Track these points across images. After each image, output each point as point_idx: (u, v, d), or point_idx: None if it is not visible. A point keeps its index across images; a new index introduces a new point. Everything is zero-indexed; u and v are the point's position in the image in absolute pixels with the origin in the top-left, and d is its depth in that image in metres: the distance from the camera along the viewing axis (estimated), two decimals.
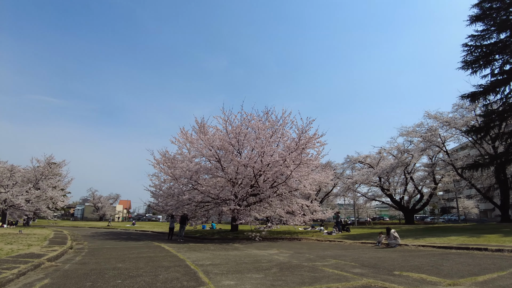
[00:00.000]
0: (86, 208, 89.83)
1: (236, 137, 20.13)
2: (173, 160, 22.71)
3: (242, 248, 14.05)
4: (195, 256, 10.66)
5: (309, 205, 21.47)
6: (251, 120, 20.43)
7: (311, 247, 14.70)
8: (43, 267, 8.14)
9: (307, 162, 19.84)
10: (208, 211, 22.92)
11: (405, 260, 9.83)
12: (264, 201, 21.53)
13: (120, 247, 14.22)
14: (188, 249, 13.44)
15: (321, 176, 23.68)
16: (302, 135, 19.45)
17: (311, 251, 12.95)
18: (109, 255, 11.05)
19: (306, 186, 20.22)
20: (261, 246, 15.40)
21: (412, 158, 35.50)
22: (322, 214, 23.06)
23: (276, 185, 19.98)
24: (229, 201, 19.35)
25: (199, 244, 16.61)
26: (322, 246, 15.27)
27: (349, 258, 10.35)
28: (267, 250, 13.33)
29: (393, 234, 14.15)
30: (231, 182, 20.21)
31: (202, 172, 21.00)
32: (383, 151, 41.30)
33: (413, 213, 41.51)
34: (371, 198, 44.92)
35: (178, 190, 20.97)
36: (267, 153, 19.32)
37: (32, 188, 32.48)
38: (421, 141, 34.82)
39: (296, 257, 10.80)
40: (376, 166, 40.22)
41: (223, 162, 20.60)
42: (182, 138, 24.00)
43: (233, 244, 16.71)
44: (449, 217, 61.29)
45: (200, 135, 21.18)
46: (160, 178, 22.84)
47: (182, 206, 22.04)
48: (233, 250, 13.30)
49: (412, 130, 35.26)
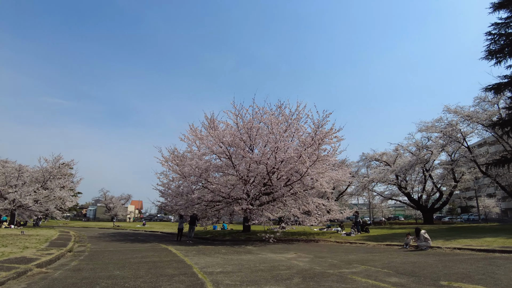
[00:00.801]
0: (98, 209, 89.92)
1: (247, 132, 18.92)
2: (182, 158, 21.62)
3: (256, 251, 12.83)
4: (204, 262, 9.48)
5: (326, 204, 20.12)
6: (264, 114, 19.19)
7: (331, 250, 13.39)
8: (29, 275, 7.06)
9: (324, 158, 18.51)
10: (219, 211, 21.78)
11: (446, 266, 8.47)
12: (277, 201, 20.29)
13: (123, 249, 13.16)
14: (197, 252, 12.28)
15: (338, 173, 22.31)
16: (318, 130, 18.14)
17: (332, 254, 11.66)
18: (109, 259, 9.97)
19: (323, 184, 18.88)
20: (276, 248, 14.16)
21: (431, 154, 33.78)
22: (340, 214, 21.72)
23: (290, 183, 18.71)
24: (241, 200, 18.17)
25: (209, 246, 15.46)
26: (343, 249, 13.94)
27: (379, 264, 9.03)
28: (284, 253, 12.09)
29: (423, 236, 12.74)
30: (243, 180, 19.02)
31: (212, 170, 19.88)
32: (400, 148, 39.54)
33: (432, 212, 39.71)
34: (387, 197, 43.19)
35: (187, 188, 19.89)
36: (281, 149, 18.08)
37: (40, 188, 31.91)
38: (440, 136, 33.11)
39: (317, 262, 9.53)
40: (393, 164, 38.52)
41: (234, 159, 19.43)
42: (191, 135, 22.92)
43: (246, 246, 15.51)
44: (467, 216, 58.84)
45: (210, 131, 20.03)
46: (168, 177, 21.77)
47: (192, 206, 20.95)
48: (246, 253, 12.09)
49: (431, 125, 33.53)
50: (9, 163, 32.83)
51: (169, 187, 21.34)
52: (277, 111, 19.47)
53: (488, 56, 23.73)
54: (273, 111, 19.19)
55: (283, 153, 18.07)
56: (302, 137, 18.46)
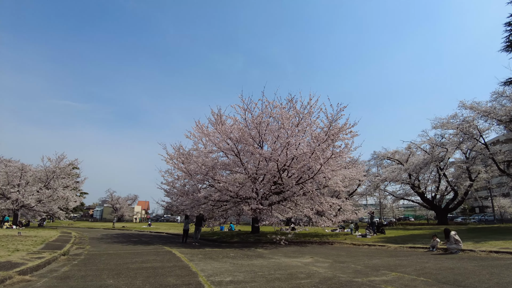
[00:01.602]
0: (104, 209, 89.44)
1: (256, 128, 17.76)
2: (188, 155, 20.53)
3: (268, 255, 11.69)
4: (211, 268, 8.37)
5: (340, 204, 18.88)
6: (274, 108, 17.95)
7: (350, 254, 12.20)
8: (7, 284, 6.03)
9: (338, 155, 17.27)
10: (226, 211, 20.67)
11: (493, 273, 7.27)
12: (288, 200, 19.13)
13: (124, 252, 12.11)
14: (204, 256, 11.18)
15: (352, 171, 21.09)
16: (332, 124, 16.90)
17: (353, 259, 10.48)
18: (105, 264, 8.90)
19: (337, 182, 17.65)
20: (290, 252, 13.01)
21: (446, 152, 32.35)
22: (353, 214, 20.49)
23: (302, 181, 17.51)
24: (250, 200, 17.03)
25: (216, 249, 14.35)
26: (363, 252, 12.73)
27: (411, 270, 7.85)
28: (299, 257, 10.94)
29: (453, 237, 11.49)
30: (252, 178, 17.89)
31: (219, 168, 18.76)
32: (413, 145, 38.05)
33: (446, 212, 38.16)
34: (400, 197, 41.68)
35: (193, 187, 18.84)
36: (292, 145, 16.93)
37: (43, 188, 31.11)
38: (456, 133, 31.66)
39: (339, 268, 8.37)
40: (405, 162, 37.08)
41: (242, 156, 18.32)
42: (197, 132, 21.88)
43: (256, 249, 14.38)
44: (480, 217, 56.84)
45: (216, 126, 18.90)
46: (173, 175, 20.65)
47: (198, 206, 19.89)
48: (258, 257, 10.96)
49: (446, 122, 32.12)
50: (12, 162, 32.05)
51: (174, 186, 20.19)
52: (288, 105, 18.31)
53: (507, 48, 22.38)
54: (283, 105, 17.98)
55: (295, 149, 16.92)
56: (315, 132, 17.26)
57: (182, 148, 20.24)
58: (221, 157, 21.85)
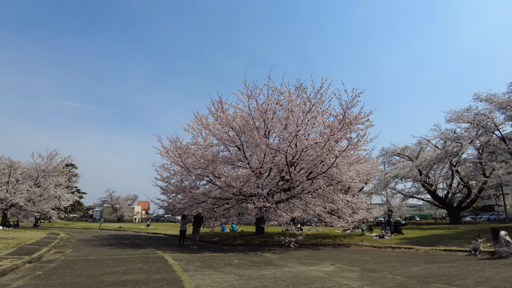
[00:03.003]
0: (104, 210, 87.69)
1: (262, 116, 15.75)
2: (186, 149, 18.49)
3: (279, 262, 9.73)
4: (209, 282, 6.41)
5: (355, 201, 16.90)
6: (281, 94, 15.88)
7: (377, 259, 10.22)
8: None
9: (355, 146, 15.26)
10: (228, 210, 18.73)
11: None
12: (296, 198, 17.16)
13: (107, 259, 10.15)
14: (202, 263, 9.21)
15: (367, 166, 19.17)
16: (347, 112, 14.89)
17: (384, 266, 8.52)
18: (75, 276, 6.96)
19: (353, 177, 15.66)
20: (303, 257, 11.06)
21: (461, 147, 30.36)
22: (367, 213, 18.59)
23: (314, 176, 15.54)
24: (255, 197, 15.06)
25: (217, 253, 12.40)
26: (391, 257, 10.73)
27: (472, 283, 5.89)
28: (317, 265, 8.99)
29: (503, 238, 9.50)
30: (256, 173, 15.93)
31: (220, 162, 16.73)
32: (423, 141, 36.00)
33: (459, 211, 36.19)
34: (409, 195, 39.60)
35: (191, 183, 16.92)
36: (302, 135, 14.99)
37: (33, 186, 29.16)
38: (472, 127, 29.70)
39: (374, 280, 6.42)
40: (416, 158, 35.07)
41: (245, 149, 16.36)
42: (196, 124, 19.94)
43: (263, 253, 12.44)
44: (489, 215, 54.63)
45: (218, 114, 16.88)
46: (169, 170, 18.62)
47: (197, 204, 17.92)
48: (267, 265, 9.00)
49: (460, 115, 30.20)
50: (1, 159, 30.11)
51: (169, 182, 18.11)
52: (297, 92, 16.28)
53: None
54: (292, 91, 15.90)
55: (305, 139, 14.96)
56: (327, 121, 15.30)
57: (179, 140, 18.22)
58: (222, 151, 19.90)
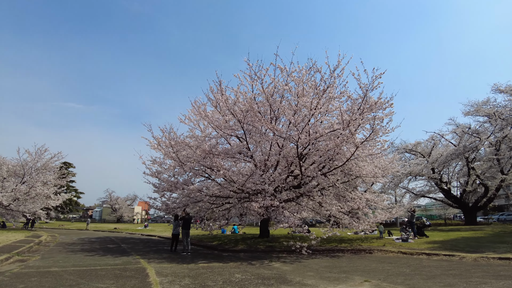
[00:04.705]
0: (104, 210, 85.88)
1: (268, 100, 13.40)
2: (182, 143, 16.11)
3: (295, 277, 7.42)
4: None
5: (376, 200, 14.61)
6: (291, 74, 13.52)
7: (419, 271, 7.88)
8: None
9: (375, 135, 12.93)
10: (229, 210, 16.44)
11: None
12: (304, 196, 14.86)
13: (70, 271, 7.85)
14: (192, 281, 6.89)
15: (386, 159, 16.86)
16: (367, 95, 12.58)
17: (436, 282, 6.20)
18: None
19: (375, 171, 13.35)
20: (323, 268, 8.76)
21: (479, 141, 28.06)
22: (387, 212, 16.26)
23: (330, 170, 13.24)
24: (262, 195, 12.76)
25: (215, 263, 10.09)
26: (436, 268, 8.39)
27: None
28: (345, 281, 6.70)
29: None
30: (262, 167, 13.64)
31: (220, 154, 14.38)
32: (436, 136, 33.63)
33: (475, 211, 33.86)
34: (420, 194, 37.18)
35: (185, 179, 14.62)
36: (315, 122, 12.74)
37: (19, 184, 26.96)
38: (494, 119, 27.47)
39: None
40: (428, 155, 32.73)
41: (249, 139, 14.08)
42: (194, 115, 17.67)
43: (272, 262, 10.14)
44: (499, 216, 52.14)
45: (216, 97, 14.57)
46: (161, 164, 16.29)
47: (193, 204, 15.63)
48: (281, 283, 6.69)
49: (478, 108, 28.06)
50: None
51: (160, 177, 15.64)
52: (310, 72, 13.91)
53: None
54: (304, 70, 13.55)
55: (319, 126, 12.70)
56: (348, 104, 13.01)
57: (173, 131, 15.89)
58: (221, 144, 17.57)
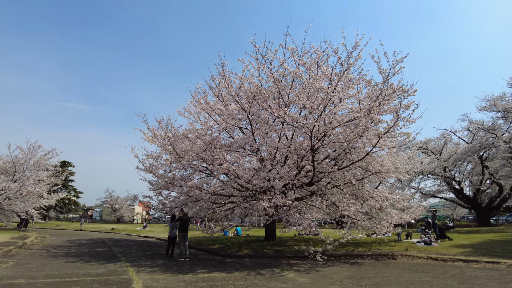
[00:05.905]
0: (104, 210, 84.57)
1: (277, 85, 11.78)
2: (182, 136, 14.48)
3: None
4: None
5: (397, 199, 13.01)
6: (303, 56, 11.92)
7: (468, 283, 6.29)
8: None
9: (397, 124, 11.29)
10: (232, 210, 14.86)
11: None
12: (315, 195, 13.30)
13: (36, 285, 6.26)
14: None
15: (405, 155, 15.30)
16: (387, 80, 10.95)
17: None
18: None
19: (398, 167, 11.77)
20: (347, 279, 7.16)
21: (495, 138, 26.49)
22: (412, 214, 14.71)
23: (345, 166, 11.65)
24: (271, 193, 11.18)
25: (216, 273, 8.52)
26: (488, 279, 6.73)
27: None
28: None
29: None
30: (270, 159, 12.04)
31: (222, 146, 12.79)
32: (448, 133, 32.01)
33: (489, 211, 32.31)
34: (430, 194, 35.45)
35: (183, 175, 13.06)
36: (332, 110, 11.15)
37: (10, 182, 25.46)
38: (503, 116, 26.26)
39: None
40: (439, 153, 31.10)
41: (255, 130, 12.50)
42: (194, 107, 16.16)
43: (283, 272, 8.56)
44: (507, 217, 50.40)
45: (220, 81, 12.89)
46: (158, 159, 14.68)
47: (193, 203, 14.05)
48: None
49: (493, 103, 26.47)
50: None
51: (155, 172, 14.00)
52: (324, 55, 12.27)
53: None
54: (318, 52, 11.94)
55: (333, 114, 11.12)
56: (368, 91, 11.41)
57: (170, 122, 14.24)
58: (224, 139, 15.95)
